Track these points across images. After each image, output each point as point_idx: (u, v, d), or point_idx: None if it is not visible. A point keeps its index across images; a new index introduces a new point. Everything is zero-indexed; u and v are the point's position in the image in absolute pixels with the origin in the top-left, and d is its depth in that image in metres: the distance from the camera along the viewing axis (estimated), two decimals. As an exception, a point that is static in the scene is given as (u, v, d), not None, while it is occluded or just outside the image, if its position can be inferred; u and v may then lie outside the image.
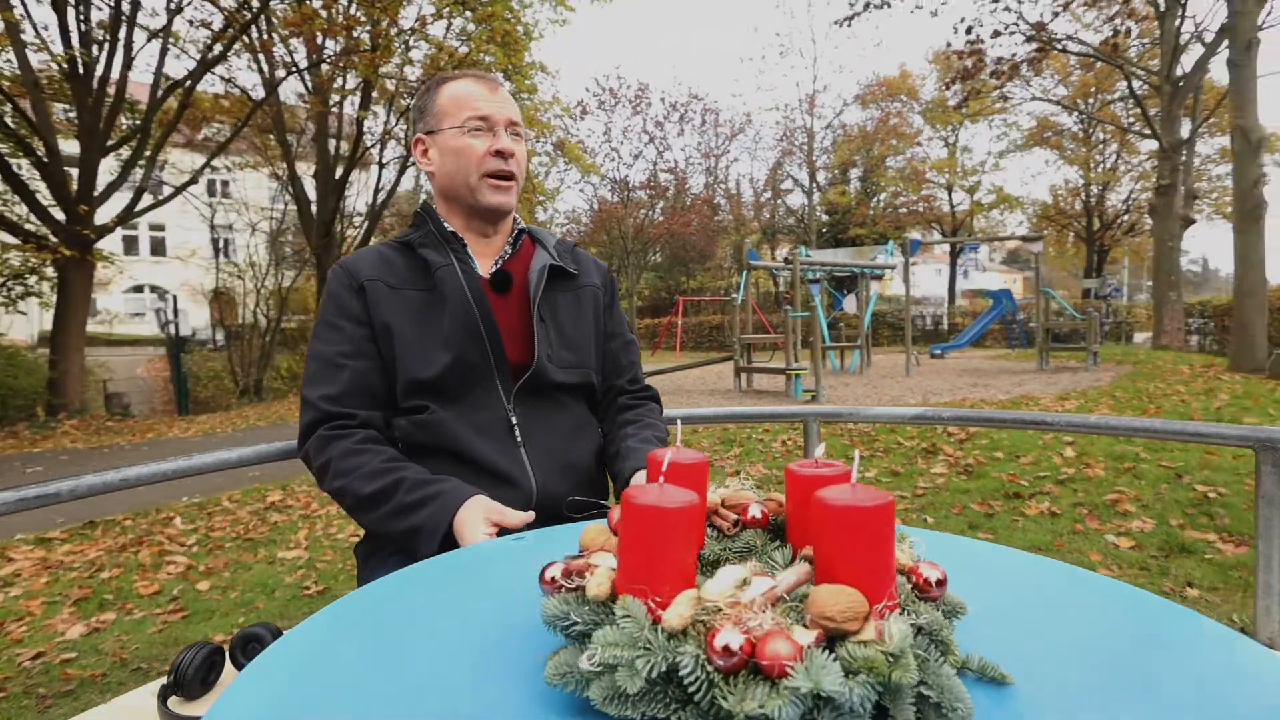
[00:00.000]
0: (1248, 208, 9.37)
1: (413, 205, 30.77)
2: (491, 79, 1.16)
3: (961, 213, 29.21)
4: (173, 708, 0.91)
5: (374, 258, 1.13)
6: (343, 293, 1.09)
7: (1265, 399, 6.45)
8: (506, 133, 1.12)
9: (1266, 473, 1.24)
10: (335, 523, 4.06)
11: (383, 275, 1.10)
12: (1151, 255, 17.68)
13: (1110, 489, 3.69)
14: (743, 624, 0.42)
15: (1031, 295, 15.58)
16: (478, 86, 1.13)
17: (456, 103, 1.12)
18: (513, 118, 1.13)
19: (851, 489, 0.48)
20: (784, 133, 29.25)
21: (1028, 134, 26.86)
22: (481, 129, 1.11)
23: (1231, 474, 3.71)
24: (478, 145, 1.11)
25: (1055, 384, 8.50)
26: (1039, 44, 14.47)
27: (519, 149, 1.14)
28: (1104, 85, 22.68)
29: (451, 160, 1.12)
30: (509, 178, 1.13)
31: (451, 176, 1.13)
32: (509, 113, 1.13)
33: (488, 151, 1.11)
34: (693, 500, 0.47)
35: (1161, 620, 0.61)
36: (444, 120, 1.13)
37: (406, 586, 0.70)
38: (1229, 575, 2.62)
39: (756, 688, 0.40)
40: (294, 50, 13.16)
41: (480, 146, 1.11)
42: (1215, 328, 15.37)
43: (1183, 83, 13.98)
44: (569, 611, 0.48)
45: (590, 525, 0.59)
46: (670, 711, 0.43)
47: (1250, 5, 9.56)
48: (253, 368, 13.95)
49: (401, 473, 0.99)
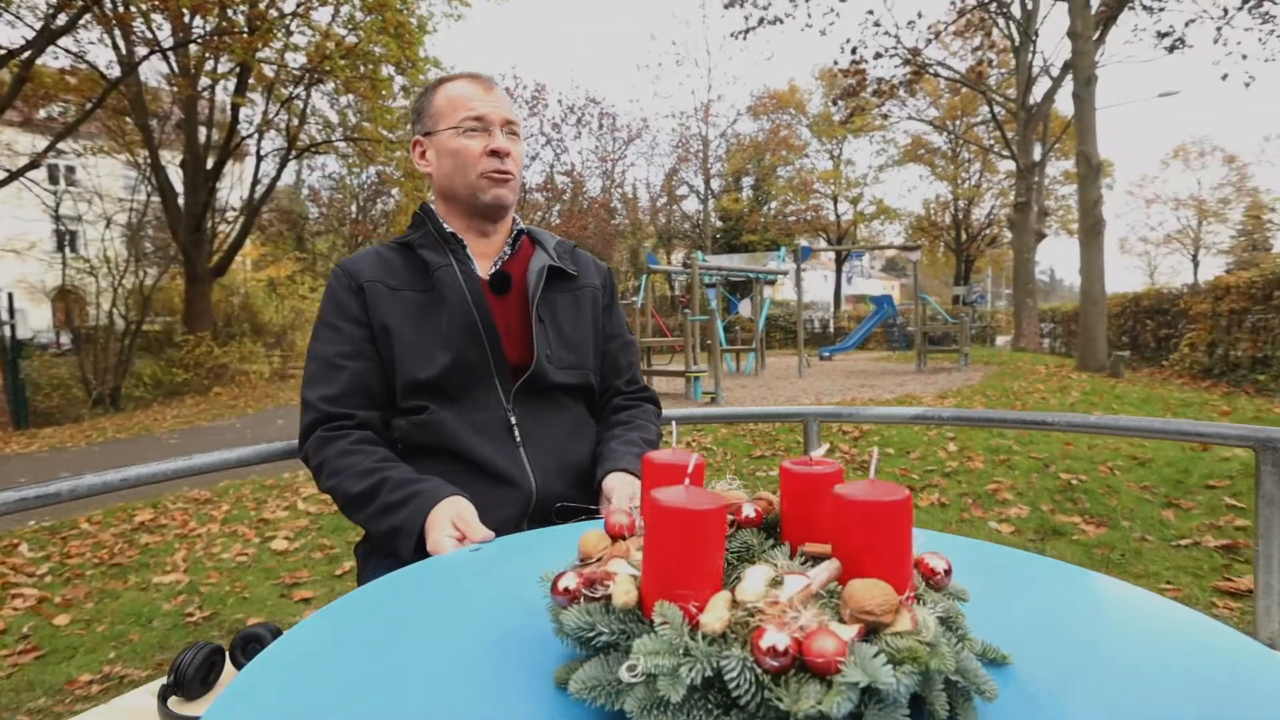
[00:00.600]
0: (1090, 225, 10.49)
1: (294, 200, 29.01)
2: (487, 79, 1.16)
3: (846, 222, 30.94)
4: (173, 708, 0.91)
5: (373, 258, 1.13)
6: (342, 293, 1.10)
7: (1108, 394, 7.24)
8: (502, 132, 1.13)
9: (1266, 473, 1.23)
10: (219, 541, 3.73)
11: (382, 276, 1.10)
12: (1011, 265, 19.43)
13: (990, 479, 4.01)
14: (785, 623, 0.42)
15: (909, 301, 16.70)
16: (473, 87, 1.14)
17: (452, 104, 1.13)
18: (508, 117, 1.14)
19: (870, 485, 0.49)
20: (680, 139, 29.91)
21: (903, 150, 28.90)
22: (477, 129, 1.12)
23: (1089, 463, 4.13)
24: (474, 145, 1.11)
25: (934, 384, 9.15)
26: (914, 67, 15.58)
27: (515, 148, 1.15)
28: (969, 109, 24.76)
29: (449, 161, 1.13)
30: (506, 175, 1.13)
31: (449, 177, 1.14)
32: (504, 112, 1.13)
33: (484, 151, 1.11)
34: (722, 502, 0.46)
35: (1161, 619, 0.60)
36: (440, 121, 1.14)
37: (406, 586, 0.69)
38: (1093, 554, 2.90)
39: (807, 686, 0.40)
40: (158, 27, 12.02)
41: (476, 147, 1.11)
42: (1063, 332, 17.09)
43: (1034, 110, 15.48)
44: (595, 622, 0.45)
45: (589, 532, 0.56)
46: (713, 718, 0.41)
47: (1089, 45, 10.73)
48: (109, 374, 12.56)
49: (387, 472, 0.99)
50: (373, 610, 0.63)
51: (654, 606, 0.43)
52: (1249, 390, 8.03)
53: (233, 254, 14.66)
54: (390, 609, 0.64)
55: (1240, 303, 8.88)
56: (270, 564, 3.39)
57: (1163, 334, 11.56)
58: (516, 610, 0.60)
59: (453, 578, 0.72)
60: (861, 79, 15.37)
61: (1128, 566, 2.74)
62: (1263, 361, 8.44)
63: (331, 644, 0.57)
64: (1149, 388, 8.44)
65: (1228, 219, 37.15)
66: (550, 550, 0.79)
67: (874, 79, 15.49)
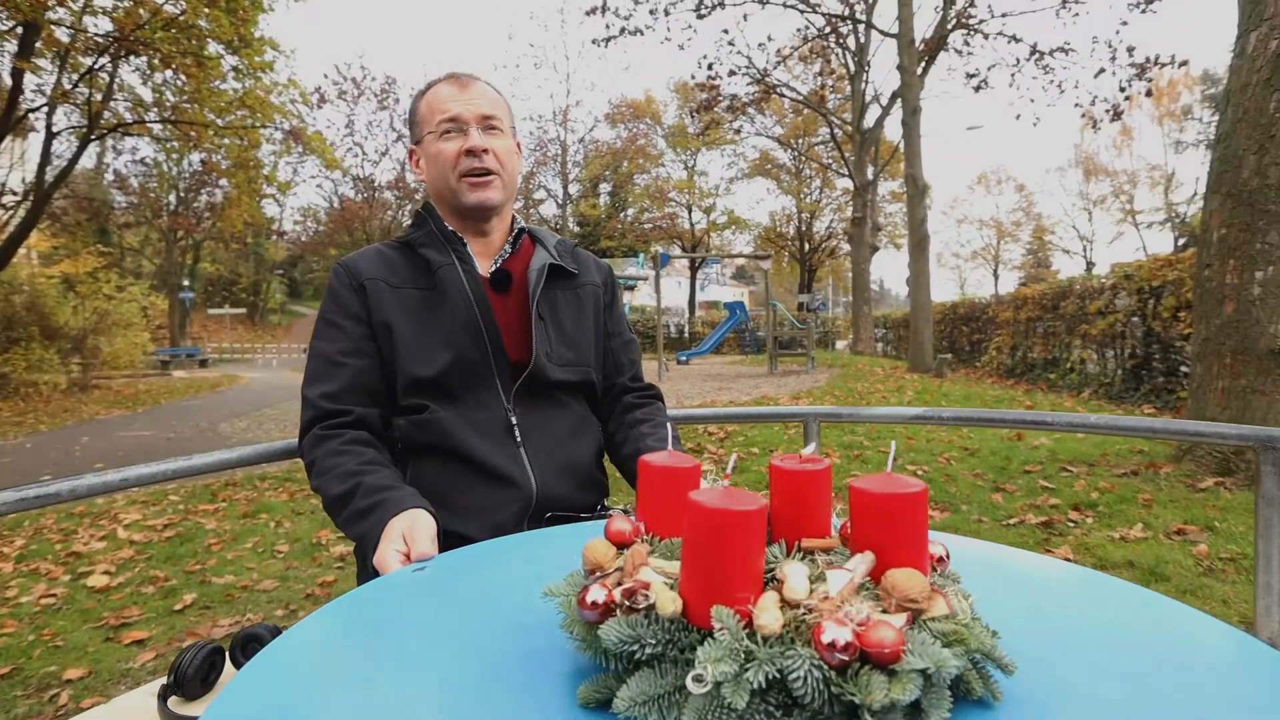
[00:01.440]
0: (917, 240, 11.68)
1: (95, 186, 25.48)
2: (465, 77, 1.14)
3: (700, 230, 32.22)
4: (173, 708, 0.91)
5: (374, 257, 1.13)
6: (343, 291, 1.09)
7: (936, 393, 8.09)
8: (478, 129, 1.11)
9: (1267, 473, 1.23)
10: (13, 583, 3.17)
11: (383, 274, 1.10)
12: (850, 275, 21.17)
13: (847, 474, 4.32)
14: (840, 619, 0.41)
15: (760, 308, 17.67)
16: (449, 88, 1.13)
17: (430, 108, 1.12)
18: (485, 112, 1.11)
19: (887, 478, 0.50)
20: (538, 143, 29.68)
21: (752, 164, 30.61)
22: (452, 130, 1.10)
23: (929, 454, 4.58)
24: (450, 148, 1.10)
25: (786, 385, 9.75)
26: (763, 87, 16.56)
27: (496, 142, 1.12)
28: (810, 129, 26.68)
29: (433, 167, 1.13)
30: (485, 174, 1.11)
31: (435, 183, 1.14)
32: (480, 108, 1.11)
33: (459, 152, 1.10)
34: (762, 502, 0.45)
35: (1161, 618, 0.60)
36: (424, 128, 1.13)
37: (406, 586, 0.69)
38: (941, 535, 3.21)
39: (872, 677, 0.39)
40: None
41: (452, 149, 1.10)
42: (895, 337, 18.90)
43: (867, 134, 17.01)
44: (640, 635, 0.42)
45: (593, 541, 0.53)
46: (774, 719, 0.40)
47: (914, 79, 11.97)
48: None
49: (364, 477, 0.97)
50: (372, 610, 0.63)
51: (709, 612, 0.41)
52: (1043, 387, 9.31)
53: (14, 246, 12.57)
54: (388, 609, 0.63)
55: (1034, 312, 10.27)
56: (88, 604, 2.93)
57: (975, 339, 13.11)
58: (516, 610, 0.61)
59: (452, 578, 0.72)
60: (715, 94, 16.10)
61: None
62: (1052, 363, 9.82)
63: (330, 644, 0.58)
64: (967, 386, 9.54)
65: (1019, 239, 42.98)
66: (550, 551, 0.79)
67: (727, 95, 16.29)
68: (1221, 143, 3.44)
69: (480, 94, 1.13)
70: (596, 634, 0.45)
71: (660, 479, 0.58)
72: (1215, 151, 3.51)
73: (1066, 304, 9.23)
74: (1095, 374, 8.51)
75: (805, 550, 0.56)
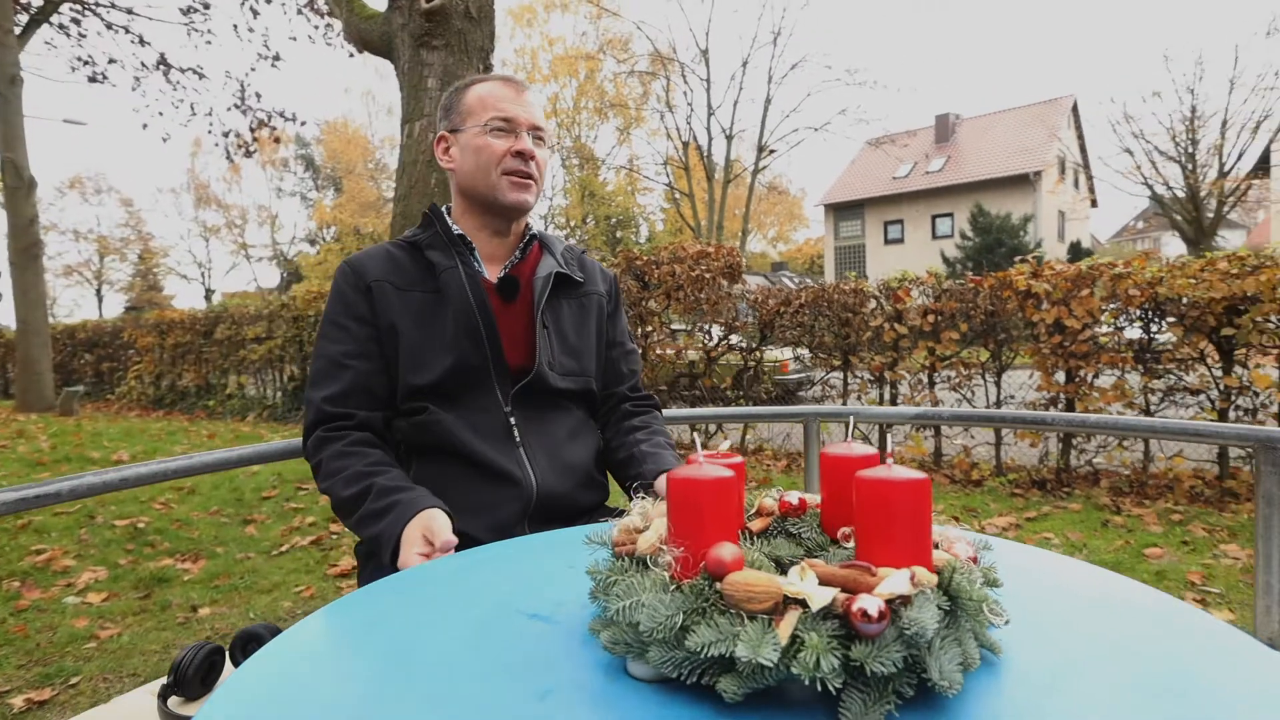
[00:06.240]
0: (24, 246, 9.31)
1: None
2: (519, 82, 1.17)
3: None
4: (173, 707, 0.93)
5: (382, 256, 1.14)
6: (350, 292, 1.10)
7: (85, 437, 6.67)
8: (529, 136, 1.14)
9: (1267, 473, 1.23)
10: None
11: (390, 276, 1.11)
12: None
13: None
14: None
15: None
16: (505, 89, 1.15)
17: (482, 103, 1.14)
18: (536, 122, 1.14)
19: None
20: None
21: None
22: (504, 129, 1.13)
23: (147, 505, 3.86)
24: (498, 145, 1.12)
25: None
26: None
27: (540, 153, 1.15)
28: None
29: (471, 158, 1.14)
30: (528, 178, 1.14)
31: (471, 174, 1.15)
32: (534, 117, 1.15)
33: (508, 151, 1.12)
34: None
35: (1161, 617, 0.60)
36: (468, 119, 1.14)
37: (405, 587, 0.70)
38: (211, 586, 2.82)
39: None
40: None
41: (501, 146, 1.12)
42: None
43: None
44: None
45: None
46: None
47: (11, 40, 9.51)
48: None
49: (374, 479, 0.99)
50: (371, 610, 0.63)
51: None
52: (203, 415, 9.01)
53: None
54: (389, 610, 0.63)
55: (185, 337, 9.80)
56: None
57: (105, 366, 11.41)
58: (520, 606, 0.61)
59: (452, 579, 0.71)
60: None
61: (245, 587, 2.78)
62: (208, 389, 9.61)
63: (330, 643, 0.59)
64: (114, 421, 8.26)
65: (128, 258, 39.37)
66: (549, 552, 0.79)
67: None
68: (400, 202, 4.30)
69: (534, 103, 1.16)
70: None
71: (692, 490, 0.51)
72: (396, 208, 4.36)
73: (220, 330, 9.21)
74: (256, 398, 8.84)
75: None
